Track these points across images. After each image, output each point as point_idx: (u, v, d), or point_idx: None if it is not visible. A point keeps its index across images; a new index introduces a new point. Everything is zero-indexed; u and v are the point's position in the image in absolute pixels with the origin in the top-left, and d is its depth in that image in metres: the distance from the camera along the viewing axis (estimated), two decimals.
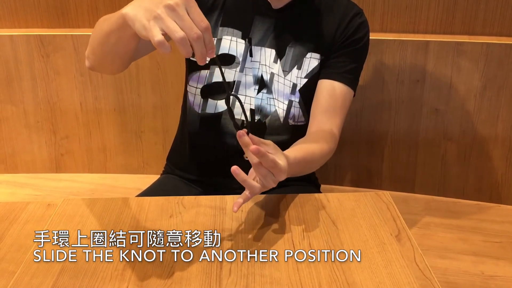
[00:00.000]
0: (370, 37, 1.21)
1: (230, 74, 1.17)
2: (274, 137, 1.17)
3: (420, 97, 1.65)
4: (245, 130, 0.84)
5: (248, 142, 0.83)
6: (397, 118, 1.69)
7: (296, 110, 1.19)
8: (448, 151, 1.69)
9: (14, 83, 1.77)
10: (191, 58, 1.16)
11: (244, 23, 1.17)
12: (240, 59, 1.16)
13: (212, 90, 1.18)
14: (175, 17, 0.72)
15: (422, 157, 1.72)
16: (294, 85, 1.17)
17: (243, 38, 1.17)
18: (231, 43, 1.16)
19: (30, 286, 0.80)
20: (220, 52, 1.16)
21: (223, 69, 1.14)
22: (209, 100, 1.19)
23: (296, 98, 1.18)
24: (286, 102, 1.18)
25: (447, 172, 1.72)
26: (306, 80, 1.17)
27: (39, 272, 0.83)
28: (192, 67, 1.19)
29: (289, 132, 1.20)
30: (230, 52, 1.17)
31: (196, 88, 1.19)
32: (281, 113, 1.18)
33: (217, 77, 1.17)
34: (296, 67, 1.17)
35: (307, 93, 1.18)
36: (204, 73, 1.17)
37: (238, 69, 1.17)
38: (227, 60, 1.17)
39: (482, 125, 1.63)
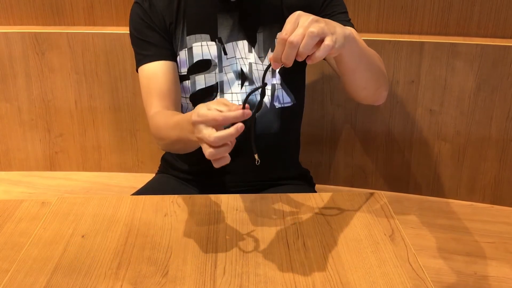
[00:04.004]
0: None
1: (211, 78, 1.18)
2: (265, 126, 1.19)
3: (414, 97, 1.66)
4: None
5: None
6: (392, 118, 1.70)
7: (279, 91, 1.20)
8: (442, 151, 1.70)
9: (9, 81, 1.77)
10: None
11: (209, 25, 1.17)
12: (216, 61, 1.17)
13: (199, 97, 1.19)
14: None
15: (416, 157, 1.72)
16: (273, 69, 1.18)
17: (212, 40, 1.17)
18: (203, 48, 1.17)
19: (24, 284, 0.80)
20: (195, 60, 1.17)
21: (203, 75, 1.16)
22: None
23: (277, 81, 1.19)
24: (270, 87, 1.19)
25: (441, 173, 1.72)
26: None
27: (33, 270, 0.83)
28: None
29: (277, 117, 1.21)
30: (205, 57, 1.17)
31: (185, 98, 1.21)
32: (267, 99, 1.20)
33: (199, 85, 1.18)
34: (270, 50, 1.18)
35: (286, 73, 1.19)
36: (186, 84, 1.19)
37: (217, 70, 1.18)
38: (204, 66, 1.17)
39: (476, 126, 1.64)
